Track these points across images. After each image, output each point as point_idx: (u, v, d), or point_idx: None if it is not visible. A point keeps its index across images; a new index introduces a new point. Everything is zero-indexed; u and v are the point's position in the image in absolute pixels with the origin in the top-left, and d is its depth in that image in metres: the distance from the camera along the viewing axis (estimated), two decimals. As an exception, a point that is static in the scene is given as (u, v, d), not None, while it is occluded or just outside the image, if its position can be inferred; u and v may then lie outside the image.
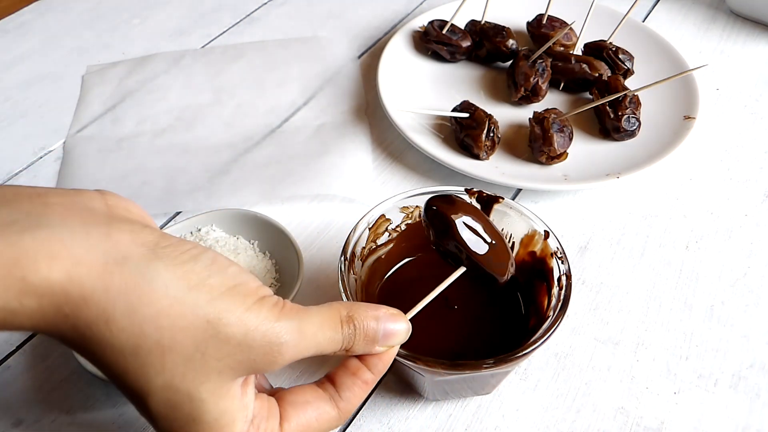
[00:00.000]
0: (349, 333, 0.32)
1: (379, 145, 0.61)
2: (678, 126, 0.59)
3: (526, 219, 0.43)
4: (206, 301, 0.27)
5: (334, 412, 0.32)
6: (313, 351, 0.31)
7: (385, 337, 0.33)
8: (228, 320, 0.27)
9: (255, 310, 0.28)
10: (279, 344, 0.29)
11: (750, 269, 0.51)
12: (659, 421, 0.42)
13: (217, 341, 0.27)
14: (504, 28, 0.67)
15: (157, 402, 0.27)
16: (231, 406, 0.28)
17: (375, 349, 0.33)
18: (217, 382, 0.28)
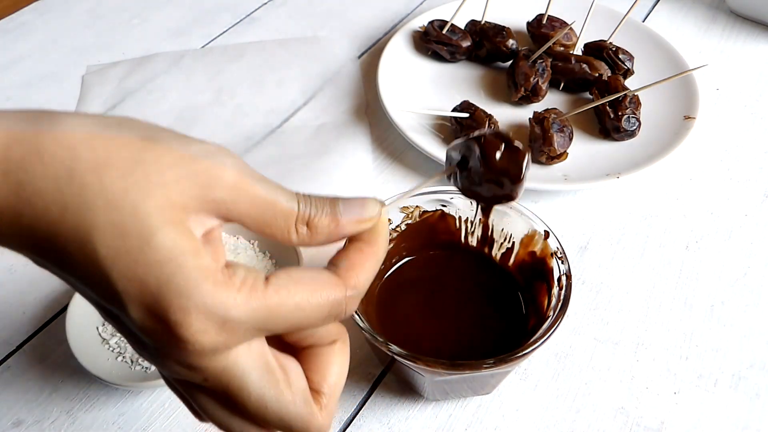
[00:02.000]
0: (305, 198, 0.29)
1: (379, 145, 0.61)
2: (678, 126, 0.59)
3: (526, 219, 0.43)
4: (139, 126, 0.26)
5: (334, 278, 0.28)
6: (261, 183, 0.27)
7: (348, 209, 0.30)
8: (163, 136, 0.26)
9: (193, 138, 0.27)
10: (221, 153, 0.27)
11: (750, 269, 0.51)
12: (659, 421, 0.42)
13: (156, 153, 0.25)
14: (504, 28, 0.67)
15: (103, 233, 0.24)
16: (188, 233, 0.25)
17: (341, 224, 0.29)
18: (164, 199, 0.25)
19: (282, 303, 0.26)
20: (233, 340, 0.25)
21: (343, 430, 0.42)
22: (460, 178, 0.33)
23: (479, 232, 0.46)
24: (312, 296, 0.27)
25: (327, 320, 0.28)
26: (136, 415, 0.43)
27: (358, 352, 0.46)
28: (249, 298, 0.25)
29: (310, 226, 0.28)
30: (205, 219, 0.26)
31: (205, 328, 0.24)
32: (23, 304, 0.49)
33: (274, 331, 0.27)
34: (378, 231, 0.30)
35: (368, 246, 0.30)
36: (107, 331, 0.44)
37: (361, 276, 0.29)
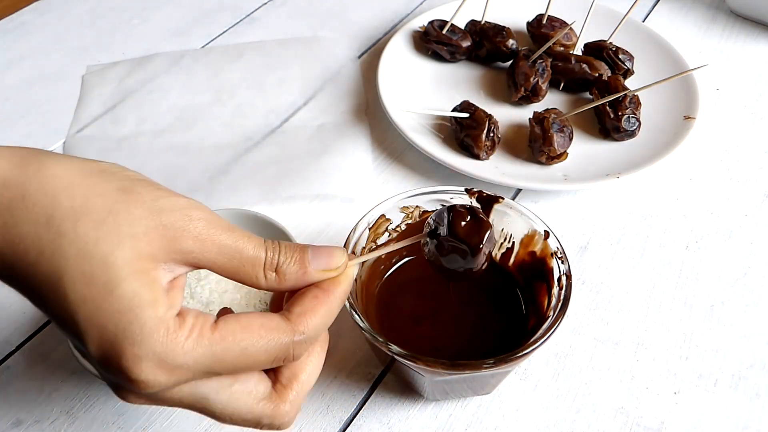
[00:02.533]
0: (273, 246, 0.30)
1: (379, 145, 0.61)
2: (678, 126, 0.59)
3: (526, 219, 0.43)
4: (119, 177, 0.29)
5: (283, 323, 0.29)
6: (228, 234, 0.29)
7: (317, 257, 0.31)
8: (138, 189, 0.28)
9: (167, 191, 0.29)
10: (189, 207, 0.29)
11: (750, 269, 0.51)
12: (659, 421, 0.42)
13: (128, 205, 0.27)
14: (504, 28, 0.67)
15: (73, 280, 0.26)
16: (150, 284, 0.27)
17: (309, 271, 0.31)
18: (132, 251, 0.27)
19: (228, 348, 0.28)
20: (184, 380, 0.28)
21: (343, 430, 0.42)
22: (429, 246, 0.36)
23: (479, 232, 0.46)
24: (259, 341, 0.29)
25: (274, 363, 0.30)
26: (136, 415, 0.43)
27: (358, 352, 0.46)
28: (196, 345, 0.27)
29: (278, 273, 0.30)
30: (174, 267, 0.28)
31: (155, 373, 0.27)
32: (23, 304, 0.49)
33: (222, 373, 0.29)
34: (339, 281, 0.32)
35: (324, 293, 0.31)
36: (107, 331, 0.44)
37: (311, 322, 0.30)
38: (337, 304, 0.32)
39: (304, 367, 0.31)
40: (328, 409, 0.43)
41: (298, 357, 0.30)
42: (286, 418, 0.31)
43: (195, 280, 0.44)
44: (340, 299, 0.32)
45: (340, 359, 0.45)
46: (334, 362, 0.45)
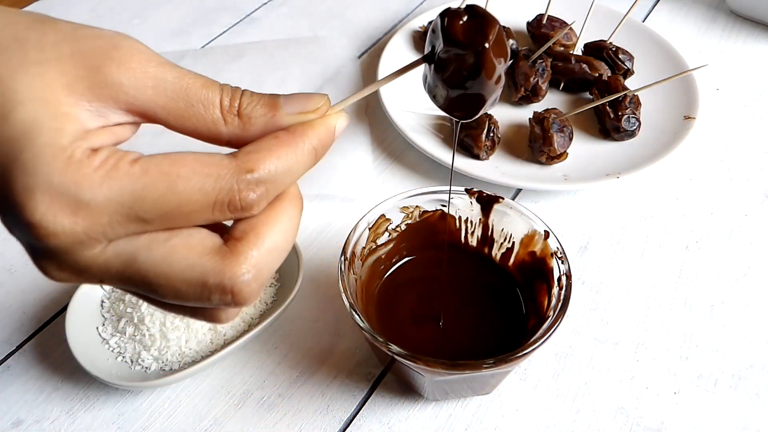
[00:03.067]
0: (232, 88, 0.25)
1: (379, 145, 0.61)
2: (678, 126, 0.59)
3: (526, 219, 0.43)
4: (39, 15, 0.24)
5: (225, 159, 0.24)
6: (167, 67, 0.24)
7: (290, 100, 0.26)
8: (57, 21, 0.24)
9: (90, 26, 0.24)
10: (117, 36, 0.24)
11: (750, 269, 0.51)
12: (659, 421, 0.42)
13: (41, 32, 0.23)
14: (504, 28, 0.67)
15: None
16: (58, 115, 0.22)
17: (280, 113, 0.26)
18: (37, 77, 0.22)
19: (151, 183, 0.22)
20: (98, 229, 0.22)
21: (343, 430, 0.42)
22: (428, 76, 0.29)
23: (479, 232, 0.46)
24: (191, 176, 0.23)
25: (217, 210, 0.23)
26: (136, 415, 0.43)
27: (358, 352, 0.46)
28: (108, 178, 0.22)
29: (241, 116, 0.25)
30: (105, 110, 0.23)
31: (53, 210, 0.21)
32: (23, 304, 0.49)
33: (148, 221, 0.23)
34: (312, 124, 0.26)
35: (290, 135, 0.25)
36: (107, 331, 0.44)
37: (266, 161, 0.24)
38: (307, 151, 0.25)
39: (266, 221, 0.25)
40: (328, 409, 0.43)
41: (249, 205, 0.24)
42: (242, 278, 0.24)
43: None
44: (312, 147, 0.26)
45: (340, 359, 0.45)
46: (334, 362, 0.45)
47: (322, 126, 0.26)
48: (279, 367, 0.45)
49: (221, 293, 0.24)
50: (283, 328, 0.47)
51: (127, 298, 0.44)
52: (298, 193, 0.26)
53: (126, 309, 0.44)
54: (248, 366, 0.45)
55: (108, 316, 0.45)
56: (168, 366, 0.43)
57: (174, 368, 0.43)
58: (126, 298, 0.45)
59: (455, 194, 0.45)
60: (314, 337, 0.46)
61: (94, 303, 0.45)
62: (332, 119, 0.27)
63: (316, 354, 0.46)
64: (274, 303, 0.47)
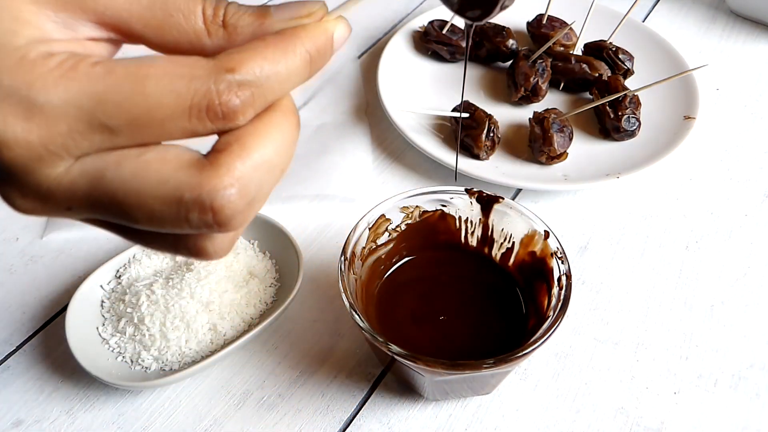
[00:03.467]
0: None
1: (379, 145, 0.61)
2: (678, 126, 0.59)
3: (526, 219, 0.43)
4: None
5: (202, 59, 0.21)
6: None
7: (281, 6, 0.23)
8: None
9: None
10: None
11: (750, 269, 0.51)
12: (659, 421, 0.42)
13: None
14: (504, 28, 0.67)
15: None
16: (13, 18, 0.20)
17: (271, 20, 0.22)
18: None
19: (115, 84, 0.20)
20: (57, 138, 0.20)
21: (343, 430, 0.42)
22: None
23: (479, 232, 0.46)
24: (162, 77, 0.20)
25: (192, 116, 0.20)
26: (136, 415, 0.43)
27: (358, 352, 0.46)
28: (64, 78, 0.19)
29: (226, 26, 0.22)
30: (72, 21, 0.21)
31: (3, 115, 0.19)
32: (23, 304, 0.49)
33: (111, 128, 0.20)
34: (305, 27, 0.23)
35: (279, 37, 0.22)
36: (107, 331, 0.44)
37: (250, 62, 0.21)
38: (300, 56, 0.22)
39: (254, 131, 0.21)
40: (328, 409, 0.43)
41: (232, 111, 0.21)
42: (222, 192, 0.21)
43: (195, 280, 0.44)
44: (307, 51, 0.22)
45: (340, 359, 0.45)
46: (334, 362, 0.45)
47: (317, 29, 0.23)
48: (279, 367, 0.45)
49: (200, 211, 0.21)
50: (283, 328, 0.47)
51: (126, 298, 0.44)
52: (292, 106, 0.23)
53: (126, 309, 0.44)
54: (248, 366, 0.45)
55: (108, 316, 0.45)
56: (168, 366, 0.43)
57: (174, 368, 0.43)
58: (126, 298, 0.45)
59: (455, 194, 0.45)
60: (314, 337, 0.46)
61: (94, 303, 0.45)
62: (330, 24, 0.24)
63: (316, 354, 0.46)
64: (274, 303, 0.47)
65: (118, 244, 0.52)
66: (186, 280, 0.44)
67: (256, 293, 0.46)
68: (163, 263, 0.48)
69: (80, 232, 0.53)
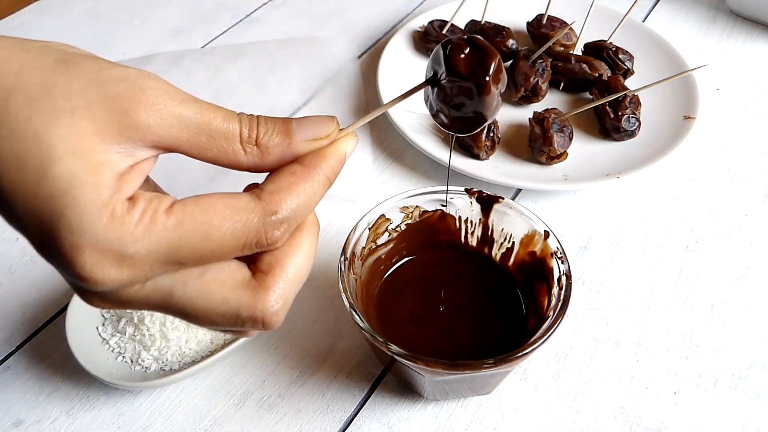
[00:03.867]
0: (249, 117, 0.26)
1: (379, 145, 0.61)
2: (678, 126, 0.59)
3: (526, 219, 0.43)
4: (58, 50, 0.25)
5: (252, 202, 0.26)
6: (190, 104, 0.25)
7: (302, 125, 0.27)
8: (80, 61, 0.24)
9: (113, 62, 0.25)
10: (140, 76, 0.25)
11: (750, 269, 0.51)
12: (659, 421, 0.42)
13: (67, 77, 0.24)
14: (504, 28, 0.67)
15: (5, 164, 0.23)
16: (93, 166, 0.23)
17: (295, 141, 0.27)
18: (71, 128, 0.23)
19: (186, 234, 0.24)
20: (141, 274, 0.24)
21: (343, 430, 0.42)
22: (431, 97, 0.31)
23: (479, 232, 0.46)
24: (223, 223, 0.25)
25: (246, 249, 0.26)
26: (136, 415, 0.43)
27: (358, 352, 0.46)
28: (148, 231, 0.24)
29: (259, 146, 0.27)
30: (133, 149, 0.24)
31: (102, 264, 0.23)
32: (23, 304, 0.49)
33: (185, 263, 0.25)
34: (324, 154, 0.28)
35: (305, 170, 0.27)
36: (107, 331, 0.44)
37: (287, 200, 0.26)
38: (322, 182, 0.27)
39: (289, 252, 0.27)
40: (328, 409, 0.43)
41: (275, 242, 0.26)
42: (271, 309, 0.26)
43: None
44: (326, 177, 0.28)
45: (340, 359, 0.45)
46: (334, 362, 0.45)
47: (334, 155, 0.29)
48: (279, 367, 0.45)
49: (253, 323, 0.26)
50: (283, 328, 0.47)
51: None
52: (315, 219, 0.29)
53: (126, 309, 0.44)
54: (248, 366, 0.45)
55: (108, 316, 0.45)
56: (168, 366, 0.43)
57: (174, 368, 0.43)
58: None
59: (455, 194, 0.45)
60: (314, 337, 0.46)
61: (94, 303, 0.45)
62: (342, 144, 0.29)
63: (316, 354, 0.46)
64: (274, 303, 0.46)
65: (118, 244, 0.52)
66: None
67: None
68: (163, 263, 0.48)
69: (80, 232, 0.53)
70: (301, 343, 0.46)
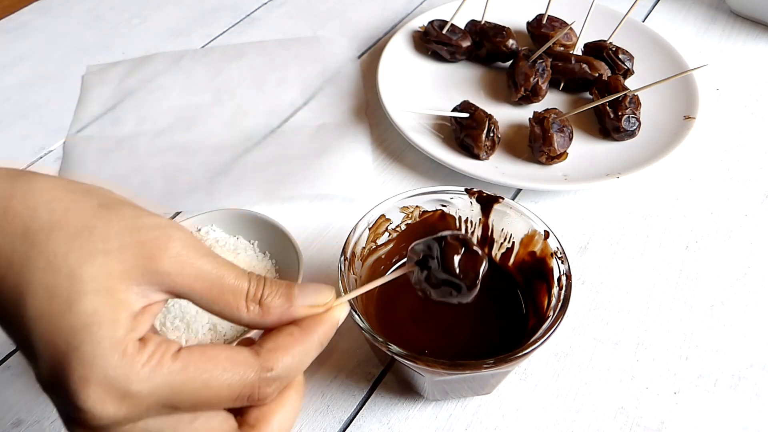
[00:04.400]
0: (258, 278, 0.29)
1: (379, 145, 0.61)
2: (678, 126, 0.59)
3: (526, 219, 0.43)
4: (102, 195, 0.28)
5: (251, 358, 0.28)
6: (209, 258, 0.28)
7: (304, 292, 0.30)
8: (120, 207, 0.27)
9: (149, 211, 0.28)
10: (170, 227, 0.27)
11: (750, 269, 0.51)
12: (659, 421, 0.42)
13: (107, 220, 0.26)
14: (504, 28, 0.67)
15: (35, 294, 0.25)
16: (115, 304, 0.25)
17: (295, 306, 0.29)
18: (102, 267, 0.25)
19: (188, 380, 0.26)
20: (136, 414, 0.25)
21: (343, 430, 0.42)
22: (418, 275, 0.34)
23: (479, 232, 0.46)
24: (222, 374, 0.27)
25: (238, 401, 0.27)
26: (136, 415, 0.43)
27: (358, 352, 0.46)
28: (153, 373, 0.25)
29: (262, 305, 0.29)
30: (149, 291, 0.27)
31: (103, 399, 0.25)
32: (23, 304, 0.49)
33: (180, 408, 0.26)
34: (320, 320, 0.30)
35: (302, 332, 0.29)
36: (107, 331, 0.44)
37: (282, 359, 0.28)
38: (315, 346, 0.29)
39: (275, 410, 0.29)
40: (328, 409, 0.43)
41: (265, 397, 0.28)
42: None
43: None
44: (319, 341, 0.30)
45: (340, 359, 0.45)
46: (334, 362, 0.45)
47: (328, 322, 0.30)
48: (279, 367, 0.45)
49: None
50: (283, 328, 0.47)
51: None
52: (302, 380, 0.31)
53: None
54: (248, 366, 0.45)
55: (108, 316, 0.45)
56: (168, 366, 0.43)
57: (174, 368, 0.43)
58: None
59: (455, 194, 0.45)
60: (314, 337, 0.46)
61: (94, 303, 0.45)
62: (336, 312, 0.31)
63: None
64: (274, 303, 0.46)
65: (118, 244, 0.52)
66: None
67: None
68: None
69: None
70: (301, 343, 0.46)
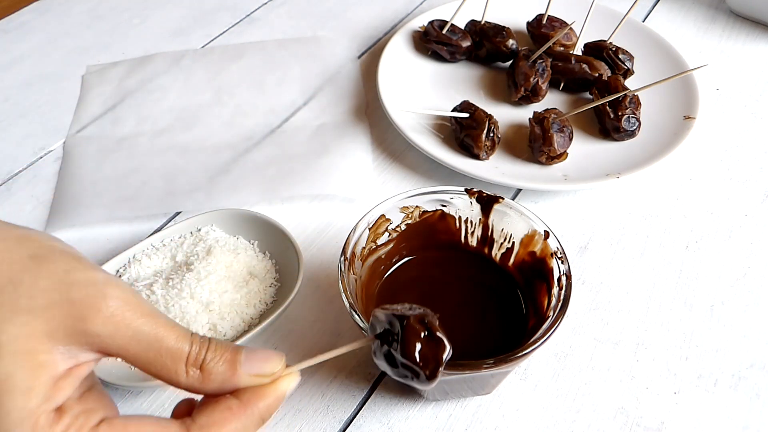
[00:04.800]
0: (201, 341, 0.27)
1: (379, 145, 0.61)
2: (678, 126, 0.59)
3: (526, 219, 0.43)
4: (36, 244, 0.26)
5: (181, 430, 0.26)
6: (148, 318, 0.26)
7: (250, 359, 0.27)
8: (54, 258, 0.25)
9: (88, 263, 0.26)
10: (107, 283, 0.25)
11: (750, 269, 0.51)
12: (659, 421, 0.42)
13: (35, 274, 0.24)
14: (504, 28, 0.67)
15: None
16: (32, 368, 0.24)
17: (239, 373, 0.27)
18: (24, 327, 0.24)
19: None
20: None
21: (343, 430, 0.42)
22: (377, 349, 0.33)
23: (479, 232, 0.46)
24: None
25: None
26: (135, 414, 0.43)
27: (358, 352, 0.46)
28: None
29: (203, 370, 0.26)
30: (77, 352, 0.25)
31: None
32: (23, 304, 0.48)
33: None
34: (264, 393, 0.28)
35: (242, 406, 0.27)
36: (107, 331, 0.44)
37: None
38: (255, 421, 0.27)
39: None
40: (328, 409, 0.43)
41: None
42: None
43: (195, 280, 0.44)
44: (260, 416, 0.27)
45: (340, 359, 0.45)
46: (334, 362, 0.45)
47: (272, 395, 0.28)
48: (279, 367, 0.45)
49: None
50: (283, 328, 0.47)
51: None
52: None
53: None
54: (248, 366, 0.45)
55: (108, 316, 0.45)
56: (168, 366, 0.43)
57: (174, 368, 0.43)
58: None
59: (455, 194, 0.45)
60: (314, 337, 0.46)
61: (94, 303, 0.45)
62: (283, 384, 0.28)
63: (316, 354, 0.45)
64: (274, 303, 0.47)
65: (117, 244, 0.52)
66: (186, 281, 0.44)
67: (256, 293, 0.46)
68: (163, 264, 0.48)
69: (80, 232, 0.53)
70: (301, 343, 0.46)
